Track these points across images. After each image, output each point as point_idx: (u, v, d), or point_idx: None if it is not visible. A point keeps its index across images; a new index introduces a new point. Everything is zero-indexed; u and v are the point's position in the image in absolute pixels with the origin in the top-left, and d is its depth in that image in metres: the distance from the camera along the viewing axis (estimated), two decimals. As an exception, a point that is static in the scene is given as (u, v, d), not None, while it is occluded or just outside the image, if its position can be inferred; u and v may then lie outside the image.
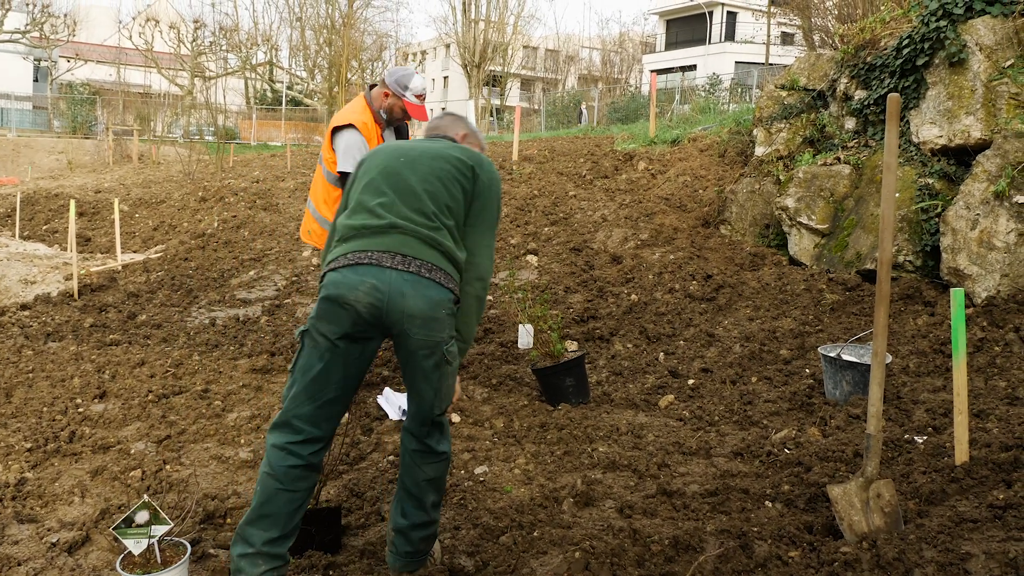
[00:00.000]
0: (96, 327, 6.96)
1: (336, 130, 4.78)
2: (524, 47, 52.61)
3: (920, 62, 7.11)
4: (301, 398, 2.79)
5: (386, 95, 4.79)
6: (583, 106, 30.41)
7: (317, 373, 2.77)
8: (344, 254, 2.81)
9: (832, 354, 4.92)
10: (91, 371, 5.63)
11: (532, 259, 8.68)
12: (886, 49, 7.61)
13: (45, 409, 4.88)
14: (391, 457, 4.20)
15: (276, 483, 2.77)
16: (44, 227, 13.07)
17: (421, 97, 4.80)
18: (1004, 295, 5.98)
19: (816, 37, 17.23)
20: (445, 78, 64.46)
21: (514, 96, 54.43)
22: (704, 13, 45.75)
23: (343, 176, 4.71)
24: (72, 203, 9.62)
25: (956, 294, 3.67)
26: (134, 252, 10.86)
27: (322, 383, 2.78)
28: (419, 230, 2.80)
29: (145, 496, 2.88)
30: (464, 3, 41.59)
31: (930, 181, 6.93)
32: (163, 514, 2.87)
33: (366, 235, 2.82)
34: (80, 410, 4.88)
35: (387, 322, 2.75)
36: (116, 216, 9.85)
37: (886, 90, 7.47)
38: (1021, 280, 5.96)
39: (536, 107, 43.52)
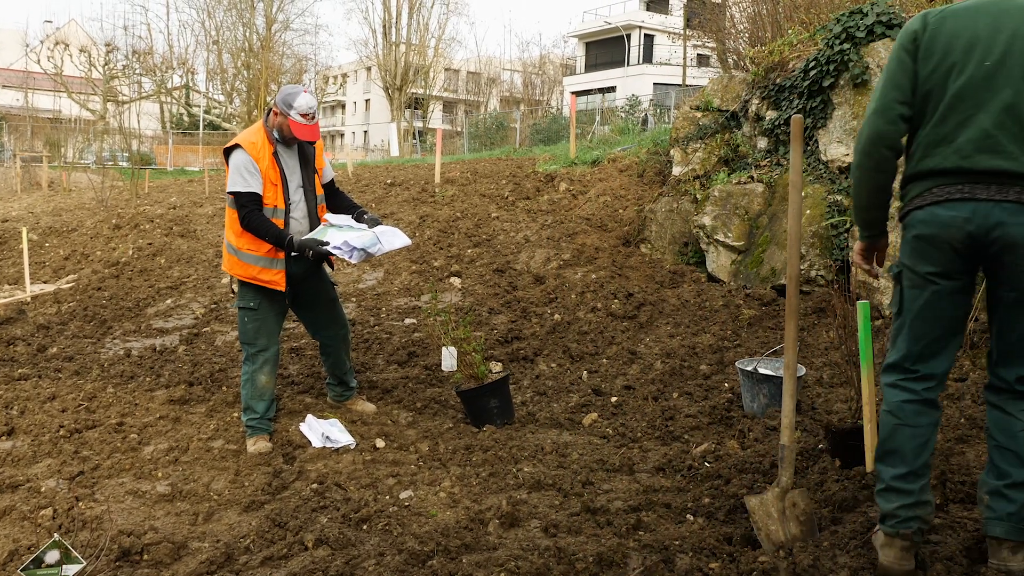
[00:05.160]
0: (3, 361, 6.70)
1: (226, 153, 4.78)
2: (446, 70, 52.84)
3: (826, 83, 7.38)
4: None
5: (276, 113, 4.77)
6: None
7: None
8: None
9: (749, 368, 5.04)
10: (-2, 407, 5.42)
11: (455, 281, 8.69)
12: (794, 71, 7.88)
13: (-52, 449, 4.68)
14: (315, 485, 4.15)
15: (894, 419, 2.84)
16: (-53, 258, 12.53)
17: (307, 116, 4.68)
18: (910, 306, 6.21)
19: (730, 59, 17.73)
20: (367, 101, 64.27)
21: (436, 118, 54.58)
22: (622, 36, 46.68)
23: (234, 196, 4.69)
24: (-23, 233, 9.27)
25: (862, 307, 3.81)
26: (44, 283, 10.49)
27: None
28: None
29: (56, 535, 2.79)
30: (384, 26, 41.65)
31: (839, 198, 7.18)
32: (75, 553, 2.78)
33: None
34: (-14, 448, 4.69)
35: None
36: (24, 245, 9.52)
37: (795, 110, 7.73)
38: (925, 291, 6.19)
39: (459, 129, 43.66)
